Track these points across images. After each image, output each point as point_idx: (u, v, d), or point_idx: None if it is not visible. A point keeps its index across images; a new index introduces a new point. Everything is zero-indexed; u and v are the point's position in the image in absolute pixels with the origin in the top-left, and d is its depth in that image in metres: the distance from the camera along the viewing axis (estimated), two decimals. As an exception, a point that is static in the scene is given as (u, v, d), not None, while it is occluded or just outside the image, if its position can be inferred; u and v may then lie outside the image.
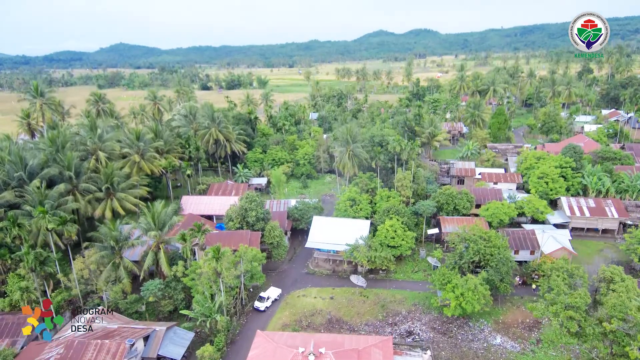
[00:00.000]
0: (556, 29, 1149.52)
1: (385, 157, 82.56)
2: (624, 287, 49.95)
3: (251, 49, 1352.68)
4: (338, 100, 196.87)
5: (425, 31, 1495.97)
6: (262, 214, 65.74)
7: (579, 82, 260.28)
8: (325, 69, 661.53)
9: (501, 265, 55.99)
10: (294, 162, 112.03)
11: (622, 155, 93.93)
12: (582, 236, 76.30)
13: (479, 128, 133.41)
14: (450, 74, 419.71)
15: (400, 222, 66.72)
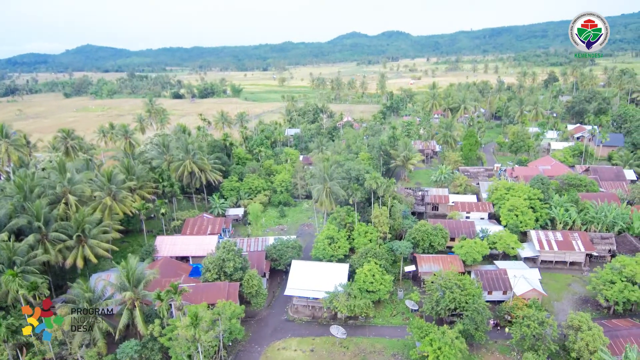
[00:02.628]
0: (523, 31, 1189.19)
1: (362, 193, 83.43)
2: (591, 336, 52.63)
3: (224, 50, 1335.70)
4: (313, 115, 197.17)
5: (398, 33, 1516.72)
6: (240, 264, 65.24)
7: (545, 91, 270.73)
8: (300, 73, 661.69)
9: (476, 315, 57.64)
10: (271, 190, 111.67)
11: (587, 182, 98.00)
12: (551, 269, 79.31)
13: (451, 149, 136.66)
14: (423, 81, 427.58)
15: (378, 266, 67.70)
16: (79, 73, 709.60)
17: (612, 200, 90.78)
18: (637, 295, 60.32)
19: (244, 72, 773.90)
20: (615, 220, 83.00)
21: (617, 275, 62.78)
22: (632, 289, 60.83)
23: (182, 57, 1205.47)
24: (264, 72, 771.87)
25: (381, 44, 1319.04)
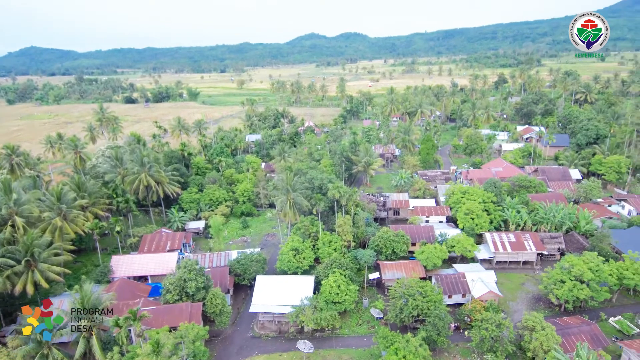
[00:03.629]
0: (474, 33, 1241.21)
1: (325, 203, 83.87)
2: (545, 336, 55.65)
3: (179, 51, 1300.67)
4: (274, 120, 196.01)
5: (355, 35, 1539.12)
6: (202, 283, 63.64)
7: (496, 93, 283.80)
8: (259, 75, 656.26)
9: (438, 321, 59.46)
10: (232, 200, 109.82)
11: (536, 183, 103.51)
12: (505, 269, 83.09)
13: (409, 153, 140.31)
14: (381, 83, 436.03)
15: (343, 276, 68.26)
16: (23, 77, 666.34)
17: (560, 201, 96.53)
18: (586, 293, 64.27)
19: (200, 74, 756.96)
20: (563, 220, 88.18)
21: (567, 275, 66.60)
22: (580, 288, 64.73)
23: (134, 59, 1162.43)
24: (222, 74, 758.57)
25: (340, 46, 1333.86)
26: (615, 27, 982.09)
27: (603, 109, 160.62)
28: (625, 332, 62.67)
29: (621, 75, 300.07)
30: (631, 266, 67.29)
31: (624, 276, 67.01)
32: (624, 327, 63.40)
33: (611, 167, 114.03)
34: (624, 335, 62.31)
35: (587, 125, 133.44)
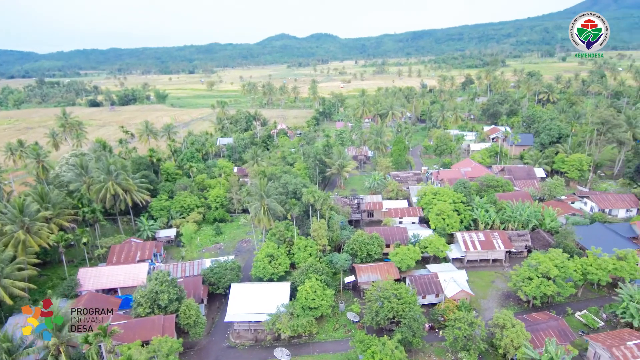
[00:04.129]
0: (442, 35, 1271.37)
1: (300, 208, 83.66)
2: (515, 333, 57.45)
3: (145, 51, 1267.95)
4: (246, 123, 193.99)
5: (326, 36, 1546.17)
6: (175, 294, 62.14)
7: (463, 93, 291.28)
8: (229, 76, 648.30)
9: (413, 322, 60.40)
10: (205, 207, 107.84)
11: (503, 182, 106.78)
12: (476, 267, 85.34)
13: (382, 154, 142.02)
14: (352, 84, 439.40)
15: (319, 281, 68.24)
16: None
17: (526, 199, 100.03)
18: (552, 289, 66.79)
19: (168, 75, 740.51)
20: (529, 218, 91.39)
21: (534, 272, 69.01)
22: (547, 284, 67.19)
23: (97, 60, 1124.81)
24: (191, 75, 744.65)
25: (310, 46, 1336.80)
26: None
27: (565, 109, 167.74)
28: (591, 325, 65.53)
29: (581, 75, 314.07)
30: (594, 262, 70.35)
31: (587, 271, 69.95)
32: (589, 320, 66.29)
33: (573, 165, 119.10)
34: (590, 329, 65.15)
35: (550, 125, 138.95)
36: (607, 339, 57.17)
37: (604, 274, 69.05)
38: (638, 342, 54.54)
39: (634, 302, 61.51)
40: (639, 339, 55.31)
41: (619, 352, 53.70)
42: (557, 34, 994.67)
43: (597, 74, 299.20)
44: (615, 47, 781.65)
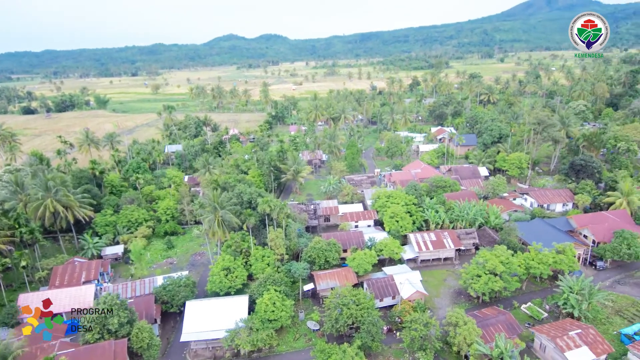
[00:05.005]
0: (389, 37, 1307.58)
1: (256, 218, 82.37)
2: (467, 330, 60.04)
3: (83, 53, 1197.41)
4: (196, 129, 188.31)
5: (276, 36, 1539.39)
6: (125, 317, 58.93)
7: (411, 95, 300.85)
8: (176, 78, 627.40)
9: (372, 327, 61.44)
10: (154, 220, 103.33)
11: (450, 182, 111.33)
12: (429, 266, 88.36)
13: (336, 158, 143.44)
14: (304, 86, 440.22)
15: (278, 292, 67.57)
16: None
17: (472, 198, 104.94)
18: (499, 285, 70.46)
19: (109, 78, 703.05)
20: (475, 216, 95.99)
21: (482, 269, 72.51)
22: (494, 280, 70.81)
23: (30, 63, 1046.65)
24: (134, 78, 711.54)
25: (260, 47, 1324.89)
26: (511, 29, 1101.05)
27: (504, 110, 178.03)
28: (536, 317, 69.91)
29: (518, 76, 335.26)
30: (536, 256, 75.09)
31: (530, 266, 74.55)
32: (534, 312, 70.70)
33: (513, 164, 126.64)
34: (535, 321, 69.47)
35: (491, 126, 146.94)
36: (551, 330, 61.26)
37: (545, 268, 73.93)
38: (579, 332, 58.89)
39: (573, 293, 66.31)
40: (580, 329, 59.76)
41: (562, 342, 57.71)
42: (495, 35, 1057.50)
43: (532, 75, 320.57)
44: (548, 47, 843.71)
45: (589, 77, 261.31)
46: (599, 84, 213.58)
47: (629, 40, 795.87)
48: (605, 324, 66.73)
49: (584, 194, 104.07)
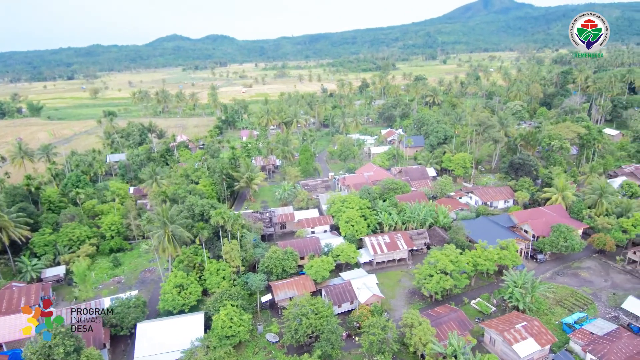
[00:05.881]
0: (337, 38, 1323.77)
1: (209, 230, 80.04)
2: (422, 330, 62.02)
3: (13, 56, 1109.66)
4: (140, 136, 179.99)
5: (223, 37, 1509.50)
6: (72, 346, 54.93)
7: (361, 96, 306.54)
8: (116, 82, 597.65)
9: (331, 335, 61.80)
10: (98, 237, 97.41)
11: (401, 184, 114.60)
12: (384, 268, 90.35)
13: (290, 163, 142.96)
14: (254, 89, 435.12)
15: (235, 307, 66.11)
16: None
17: (422, 199, 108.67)
18: (450, 283, 73.44)
19: (42, 82, 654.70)
20: (425, 217, 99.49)
21: (433, 269, 75.27)
22: (445, 279, 73.72)
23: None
24: (70, 82, 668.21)
25: (206, 48, 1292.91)
26: (452, 32, 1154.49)
27: (448, 112, 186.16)
28: (484, 312, 73.60)
29: (460, 77, 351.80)
30: (482, 254, 79.15)
31: (477, 263, 78.45)
32: (482, 307, 74.39)
33: (458, 163, 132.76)
34: (484, 315, 73.10)
35: (437, 128, 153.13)
36: (499, 324, 64.75)
37: (491, 264, 78.17)
38: (525, 324, 62.70)
39: (517, 288, 70.53)
40: (525, 321, 63.64)
41: (509, 335, 61.17)
42: (437, 38, 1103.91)
43: (473, 76, 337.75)
44: (486, 49, 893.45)
45: (524, 78, 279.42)
46: (533, 85, 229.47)
47: (560, 41, 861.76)
48: (547, 314, 71.57)
49: (523, 191, 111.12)
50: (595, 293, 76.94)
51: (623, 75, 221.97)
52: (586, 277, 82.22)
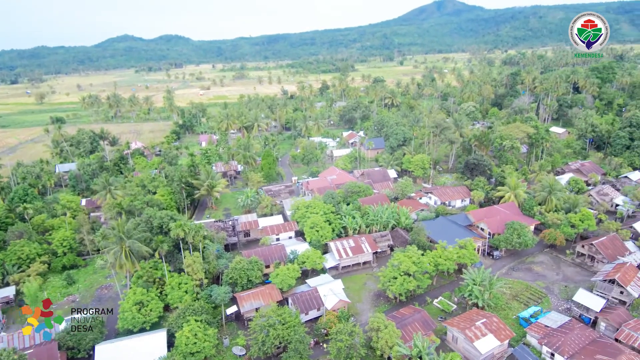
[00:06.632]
0: (296, 39, 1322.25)
1: (169, 243, 77.42)
2: (388, 333, 63.11)
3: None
4: (91, 144, 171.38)
5: (177, 37, 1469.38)
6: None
7: (322, 98, 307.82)
8: (64, 85, 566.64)
9: (299, 345, 61.60)
10: (49, 254, 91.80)
11: (364, 187, 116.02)
12: (350, 272, 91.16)
13: (252, 168, 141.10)
14: (212, 91, 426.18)
15: (198, 322, 64.38)
16: None
17: (384, 201, 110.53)
18: (413, 284, 75.25)
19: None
20: (388, 219, 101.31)
21: (397, 272, 76.80)
22: (409, 280, 75.42)
23: None
24: (14, 86, 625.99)
25: (160, 49, 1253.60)
26: (408, 33, 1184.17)
27: (406, 114, 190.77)
28: (446, 310, 75.99)
29: (417, 79, 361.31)
30: (442, 254, 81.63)
31: (438, 263, 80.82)
32: (444, 306, 76.75)
33: (418, 165, 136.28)
34: (446, 314, 75.42)
35: (396, 130, 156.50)
36: (460, 322, 67.01)
37: (451, 263, 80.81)
38: (484, 321, 65.24)
39: (476, 285, 73.30)
40: (485, 318, 66.25)
41: (470, 332, 63.45)
42: (394, 39, 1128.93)
43: (428, 78, 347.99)
44: (440, 50, 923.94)
45: (476, 80, 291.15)
46: (485, 86, 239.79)
47: (508, 42, 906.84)
48: (505, 310, 74.95)
49: (479, 190, 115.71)
50: (548, 286, 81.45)
51: (567, 75, 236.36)
52: (539, 272, 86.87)
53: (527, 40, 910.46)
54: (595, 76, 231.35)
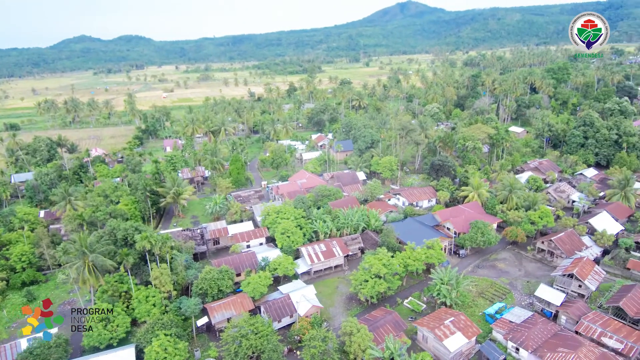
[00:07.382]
0: (262, 39, 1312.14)
1: (135, 256, 75.06)
2: (360, 337, 63.92)
3: None
4: (48, 152, 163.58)
5: (138, 38, 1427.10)
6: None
7: (289, 100, 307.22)
8: (18, 89, 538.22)
9: (272, 354, 61.39)
10: (7, 270, 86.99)
11: (334, 191, 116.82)
12: (322, 276, 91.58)
13: (220, 174, 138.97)
14: (176, 93, 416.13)
15: (168, 337, 62.86)
16: None
17: (354, 204, 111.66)
18: (384, 286, 76.49)
19: None
20: (358, 222, 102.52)
21: (368, 274, 77.89)
22: (380, 283, 76.62)
23: None
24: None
25: (120, 50, 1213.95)
26: (373, 35, 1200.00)
27: (374, 116, 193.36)
28: (416, 310, 77.76)
29: (382, 80, 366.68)
30: (411, 254, 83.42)
31: (407, 264, 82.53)
32: (414, 306, 78.51)
33: (385, 166, 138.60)
34: (416, 313, 77.15)
35: (364, 132, 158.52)
36: (430, 322, 68.75)
37: (420, 264, 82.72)
38: (452, 319, 67.22)
39: (444, 284, 75.42)
40: (453, 316, 68.26)
41: (440, 331, 65.22)
42: (359, 40, 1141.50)
43: (394, 79, 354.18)
44: (405, 51, 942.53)
45: (439, 81, 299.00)
46: (448, 88, 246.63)
47: (469, 44, 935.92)
48: (472, 307, 77.53)
49: (444, 190, 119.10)
50: (511, 282, 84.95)
51: (525, 76, 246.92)
52: (503, 268, 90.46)
53: (487, 42, 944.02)
54: (551, 77, 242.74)
